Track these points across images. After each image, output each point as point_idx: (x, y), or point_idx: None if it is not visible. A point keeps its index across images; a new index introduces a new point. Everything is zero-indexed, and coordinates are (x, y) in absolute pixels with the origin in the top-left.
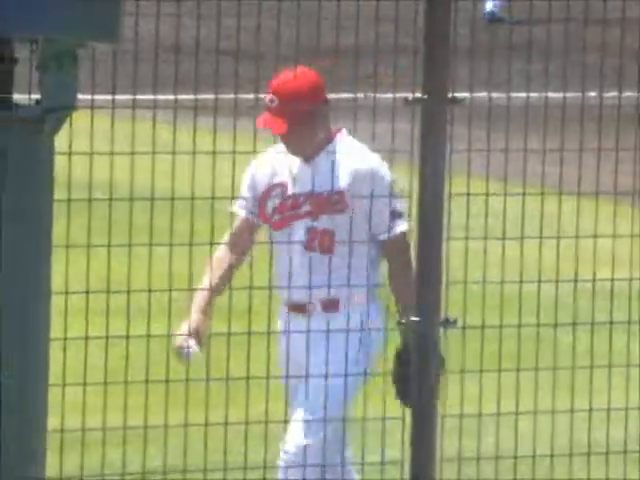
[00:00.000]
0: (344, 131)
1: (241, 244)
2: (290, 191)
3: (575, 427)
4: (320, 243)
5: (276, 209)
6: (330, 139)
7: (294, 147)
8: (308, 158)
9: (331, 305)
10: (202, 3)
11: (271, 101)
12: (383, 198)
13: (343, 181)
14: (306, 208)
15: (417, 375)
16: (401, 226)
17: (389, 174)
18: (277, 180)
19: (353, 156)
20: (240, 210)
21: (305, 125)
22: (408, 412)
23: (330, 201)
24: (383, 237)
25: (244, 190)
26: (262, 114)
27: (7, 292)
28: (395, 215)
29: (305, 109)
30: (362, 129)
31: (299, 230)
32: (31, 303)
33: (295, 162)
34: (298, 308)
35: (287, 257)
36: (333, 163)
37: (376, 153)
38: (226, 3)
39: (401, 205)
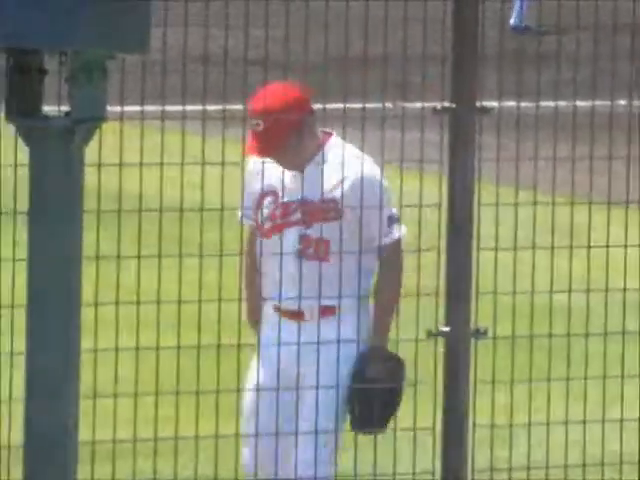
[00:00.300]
0: (334, 136)
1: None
2: (281, 199)
3: (606, 437)
4: (315, 251)
5: (267, 217)
6: (320, 146)
7: (285, 163)
8: (299, 167)
9: (326, 313)
10: (230, 13)
11: (256, 125)
12: (379, 203)
13: (336, 188)
14: (297, 216)
15: (448, 385)
16: (398, 232)
17: (383, 179)
18: (268, 188)
19: (346, 162)
20: (246, 220)
21: (293, 140)
22: (439, 422)
23: (322, 209)
24: (380, 243)
25: (245, 198)
26: (250, 138)
27: (38, 303)
28: (392, 220)
29: (292, 126)
30: (390, 138)
31: (291, 238)
32: (61, 315)
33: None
34: (292, 315)
35: (278, 265)
36: (323, 171)
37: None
38: (254, 13)
39: (396, 210)
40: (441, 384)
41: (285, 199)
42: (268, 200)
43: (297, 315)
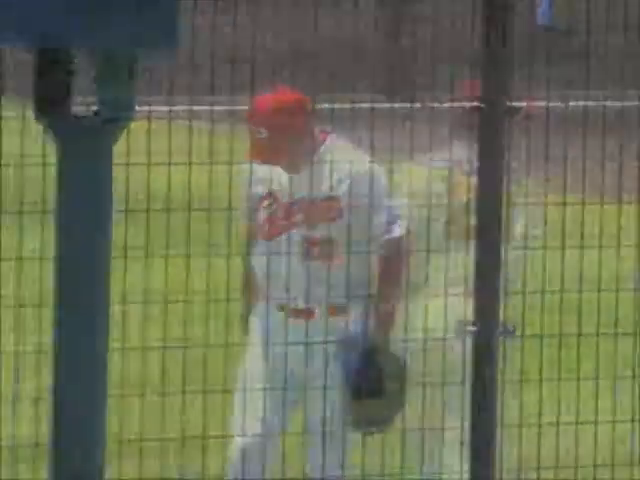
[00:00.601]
0: (332, 135)
1: None
2: (282, 200)
3: (636, 436)
4: (320, 251)
5: (267, 218)
6: (318, 145)
7: (287, 166)
8: (299, 168)
9: (336, 312)
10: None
11: (259, 133)
12: (380, 201)
13: (338, 187)
14: (300, 216)
15: (475, 384)
16: (398, 229)
17: (384, 176)
18: (269, 189)
19: (346, 160)
20: (244, 221)
21: (296, 143)
22: (467, 421)
23: (324, 208)
24: (381, 240)
25: (243, 200)
26: (252, 144)
27: (66, 304)
28: (393, 218)
29: (295, 130)
30: (420, 137)
31: (295, 238)
32: (90, 314)
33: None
34: (300, 314)
35: (283, 265)
36: (323, 170)
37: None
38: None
39: (397, 208)
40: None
41: (286, 200)
42: (268, 201)
43: (306, 314)
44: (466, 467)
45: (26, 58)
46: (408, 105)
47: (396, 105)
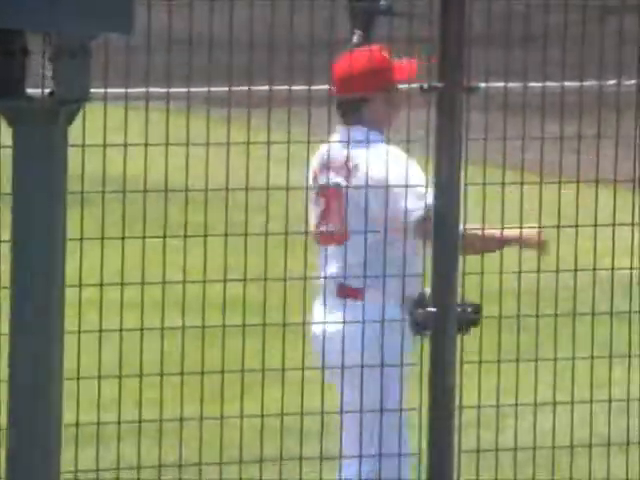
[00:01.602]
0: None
1: None
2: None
3: (594, 419)
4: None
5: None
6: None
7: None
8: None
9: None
10: None
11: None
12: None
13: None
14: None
15: (435, 366)
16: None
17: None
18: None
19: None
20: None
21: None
22: (425, 403)
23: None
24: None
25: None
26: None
27: (21, 285)
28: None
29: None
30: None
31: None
32: (45, 295)
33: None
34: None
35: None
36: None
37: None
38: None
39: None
40: (428, 365)
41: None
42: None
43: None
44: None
45: None
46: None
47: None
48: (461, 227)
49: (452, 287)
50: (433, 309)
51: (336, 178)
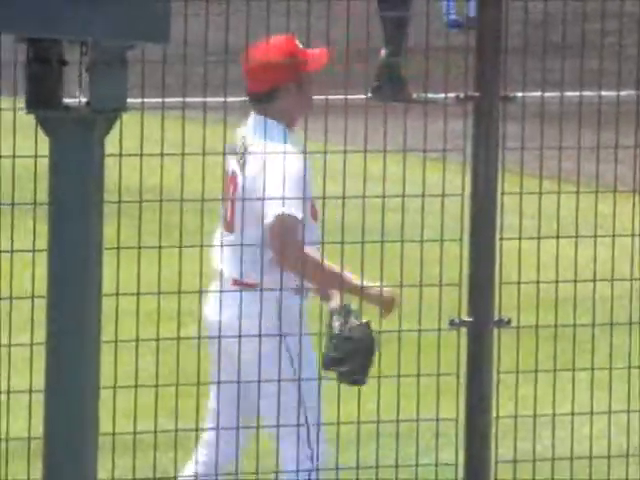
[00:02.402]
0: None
1: None
2: None
3: (631, 428)
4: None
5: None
6: None
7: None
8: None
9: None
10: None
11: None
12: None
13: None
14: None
15: (471, 376)
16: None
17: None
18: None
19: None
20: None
21: None
22: (462, 413)
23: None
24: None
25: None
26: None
27: (58, 295)
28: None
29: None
30: (414, 128)
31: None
32: (81, 305)
33: None
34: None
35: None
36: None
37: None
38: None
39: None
40: (464, 375)
41: None
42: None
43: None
44: (462, 460)
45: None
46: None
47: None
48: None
49: (489, 296)
50: (470, 319)
51: (235, 166)
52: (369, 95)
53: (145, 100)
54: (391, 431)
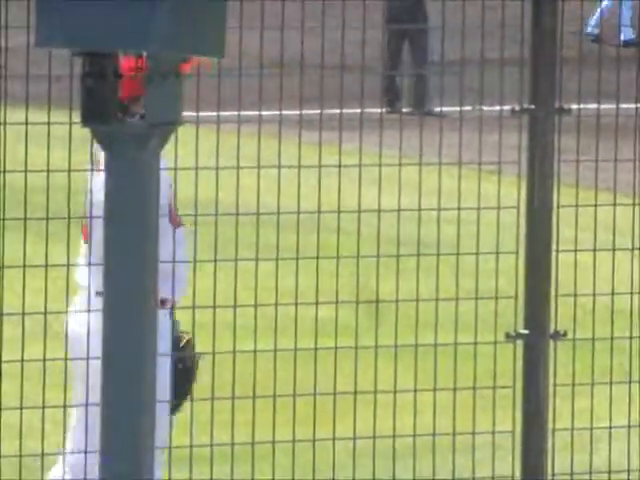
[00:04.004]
0: None
1: None
2: None
3: None
4: None
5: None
6: None
7: None
8: None
9: None
10: (306, 16)
11: None
12: None
13: None
14: None
15: (527, 388)
16: None
17: None
18: None
19: None
20: None
21: None
22: (518, 425)
23: None
24: None
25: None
26: None
27: (114, 309)
28: None
29: None
30: (469, 140)
31: None
32: (136, 318)
33: None
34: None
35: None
36: None
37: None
38: (329, 15)
39: None
40: (520, 387)
41: None
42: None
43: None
44: (518, 473)
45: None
46: (457, 109)
47: (446, 109)
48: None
49: (545, 309)
50: (526, 331)
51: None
52: (386, 109)
53: (200, 114)
54: (447, 444)
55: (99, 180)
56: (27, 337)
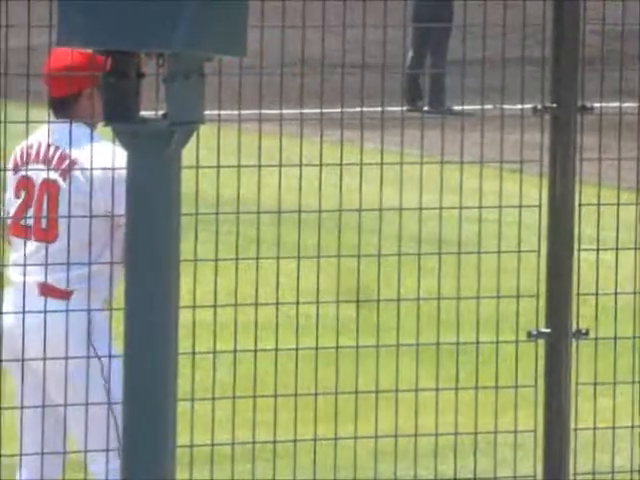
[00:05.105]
0: None
1: None
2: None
3: None
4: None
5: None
6: None
7: None
8: None
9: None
10: (327, 15)
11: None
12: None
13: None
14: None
15: (549, 387)
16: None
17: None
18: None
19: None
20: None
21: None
22: (540, 425)
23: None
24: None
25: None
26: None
27: (135, 307)
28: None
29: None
30: (490, 140)
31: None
32: (159, 317)
33: None
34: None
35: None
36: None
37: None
38: (350, 14)
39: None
40: (542, 386)
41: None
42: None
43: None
44: (540, 472)
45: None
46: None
47: (468, 108)
48: None
49: (567, 308)
50: (547, 330)
51: (49, 173)
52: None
53: (221, 112)
54: (469, 443)
55: (77, 180)
56: None
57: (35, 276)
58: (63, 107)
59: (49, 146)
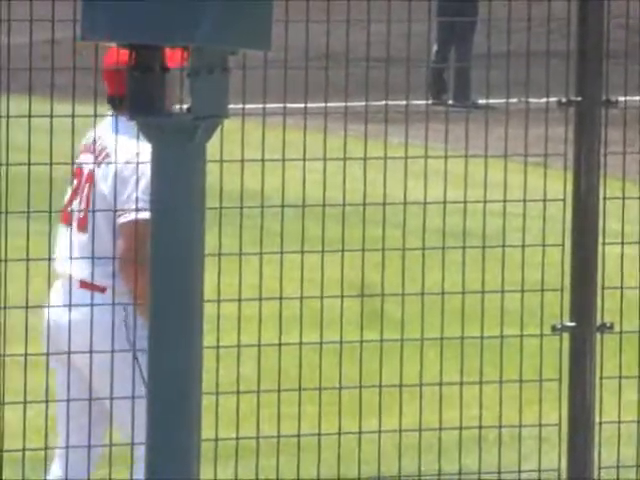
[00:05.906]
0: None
1: None
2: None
3: None
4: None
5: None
6: None
7: None
8: None
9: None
10: (350, 8)
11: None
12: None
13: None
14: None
15: (573, 381)
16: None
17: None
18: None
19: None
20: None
21: None
22: (565, 418)
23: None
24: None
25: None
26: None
27: (160, 301)
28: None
29: None
30: (515, 134)
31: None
32: (183, 310)
33: None
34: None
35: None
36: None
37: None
38: (375, 8)
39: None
40: (566, 380)
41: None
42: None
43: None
44: (564, 466)
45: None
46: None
47: (493, 101)
48: None
49: (591, 301)
50: (572, 324)
51: (89, 162)
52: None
53: (246, 106)
54: (493, 437)
55: (103, 171)
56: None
57: (75, 269)
58: (119, 103)
59: (98, 139)
